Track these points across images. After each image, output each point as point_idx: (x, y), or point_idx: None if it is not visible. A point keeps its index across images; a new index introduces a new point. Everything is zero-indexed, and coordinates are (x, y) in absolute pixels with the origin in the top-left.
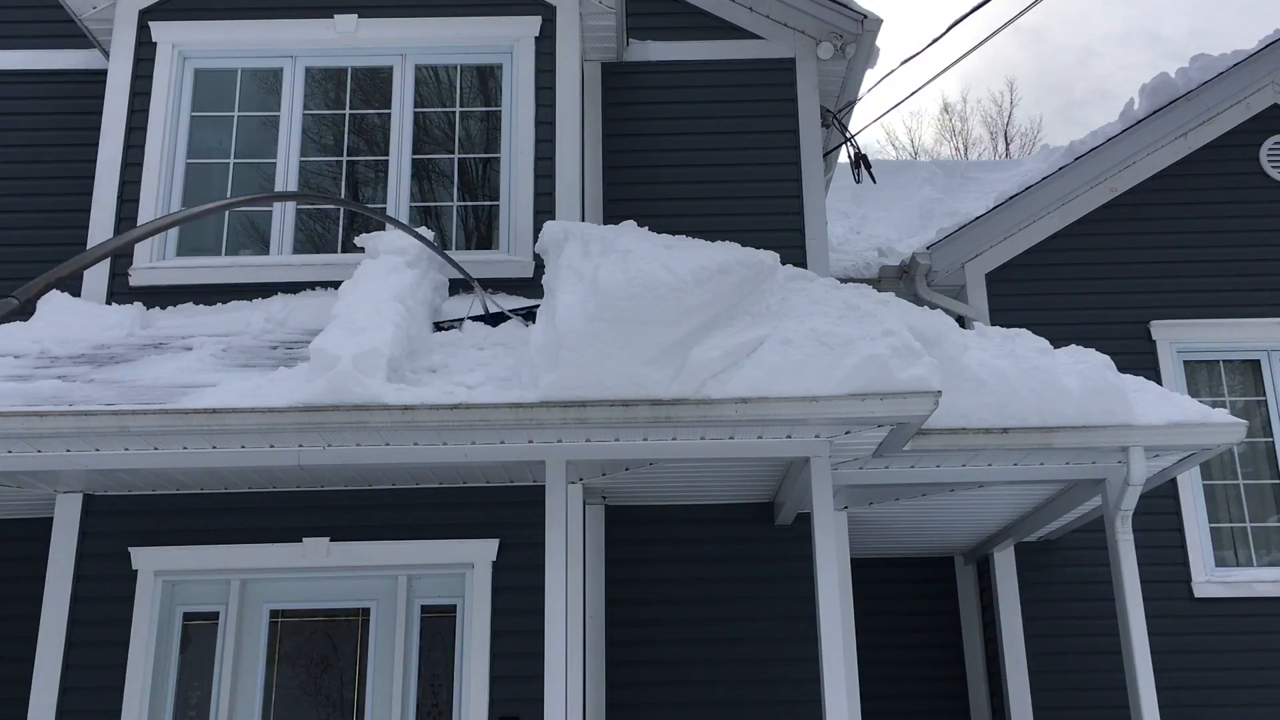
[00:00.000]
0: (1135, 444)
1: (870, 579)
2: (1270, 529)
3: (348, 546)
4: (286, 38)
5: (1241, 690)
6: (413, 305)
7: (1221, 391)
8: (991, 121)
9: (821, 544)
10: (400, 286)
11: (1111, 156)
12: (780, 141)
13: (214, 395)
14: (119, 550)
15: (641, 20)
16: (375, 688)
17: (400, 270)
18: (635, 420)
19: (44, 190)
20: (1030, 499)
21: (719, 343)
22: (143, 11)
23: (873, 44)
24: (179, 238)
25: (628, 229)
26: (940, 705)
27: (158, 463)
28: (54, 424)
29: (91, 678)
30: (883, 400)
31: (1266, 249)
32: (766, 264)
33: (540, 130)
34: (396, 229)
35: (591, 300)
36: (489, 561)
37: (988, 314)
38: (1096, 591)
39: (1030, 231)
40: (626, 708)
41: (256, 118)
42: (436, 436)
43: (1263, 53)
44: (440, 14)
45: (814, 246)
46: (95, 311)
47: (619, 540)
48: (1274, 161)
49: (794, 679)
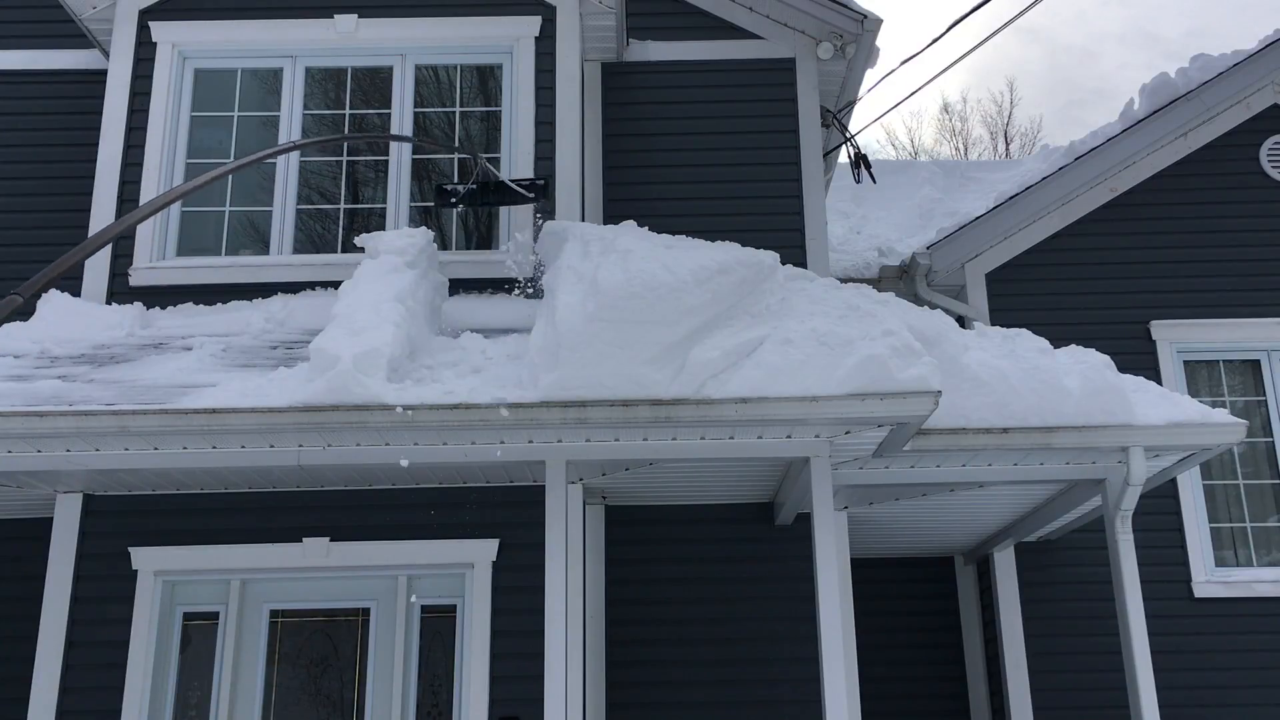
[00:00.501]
0: (1135, 444)
1: (870, 579)
2: (1270, 529)
3: (348, 546)
4: (286, 38)
5: (1241, 690)
6: (413, 305)
7: (1221, 391)
8: (991, 121)
9: (821, 544)
10: (400, 286)
11: (1111, 156)
12: (780, 141)
13: (214, 395)
14: (119, 550)
15: (641, 20)
16: (375, 688)
17: (400, 270)
18: (635, 420)
19: (44, 190)
20: (1030, 499)
21: (719, 343)
22: (143, 11)
23: (873, 44)
24: (179, 238)
25: (628, 229)
26: (940, 705)
27: (158, 463)
28: (54, 424)
29: (91, 678)
30: (883, 400)
31: (1266, 249)
32: (766, 264)
33: (540, 130)
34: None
35: (591, 300)
36: (489, 561)
37: (988, 314)
38: (1096, 591)
39: (1030, 231)
40: (626, 708)
41: (256, 118)
42: (436, 436)
43: (1263, 53)
44: (440, 14)
45: (814, 246)
46: (95, 311)
47: (619, 540)
48: (1274, 161)
49: (794, 679)
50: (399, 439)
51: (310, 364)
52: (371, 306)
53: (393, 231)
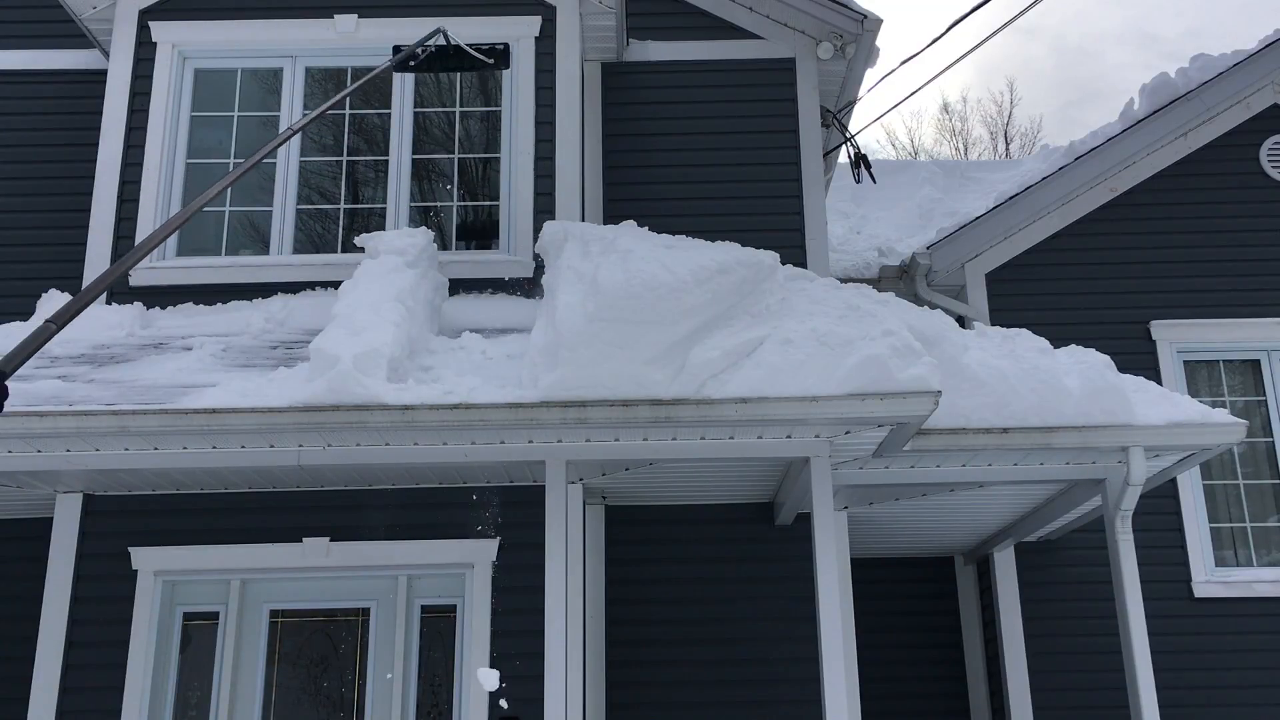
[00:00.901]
0: (1135, 444)
1: (870, 579)
2: (1270, 529)
3: (348, 546)
4: (286, 38)
5: (1241, 690)
6: (413, 305)
7: (1221, 391)
8: (991, 121)
9: (821, 544)
10: (400, 287)
11: (1111, 156)
12: (780, 141)
13: (214, 395)
14: (119, 550)
15: (641, 20)
16: (375, 688)
17: (400, 270)
18: (635, 420)
19: (44, 190)
20: (1030, 499)
21: (719, 343)
22: (143, 11)
23: (873, 44)
24: (179, 238)
25: (628, 229)
26: (940, 705)
27: (158, 463)
28: (54, 424)
29: (91, 678)
30: (883, 400)
31: (1266, 249)
32: (766, 264)
33: (540, 130)
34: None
35: (591, 300)
36: (489, 561)
37: (988, 314)
38: (1096, 591)
39: (1030, 231)
40: (626, 708)
41: (256, 118)
42: (436, 436)
43: (1263, 53)
44: (440, 14)
45: (814, 246)
46: (95, 311)
47: (619, 540)
48: (1274, 161)
49: (794, 679)
50: (399, 439)
51: (310, 364)
52: (371, 306)
53: (393, 231)
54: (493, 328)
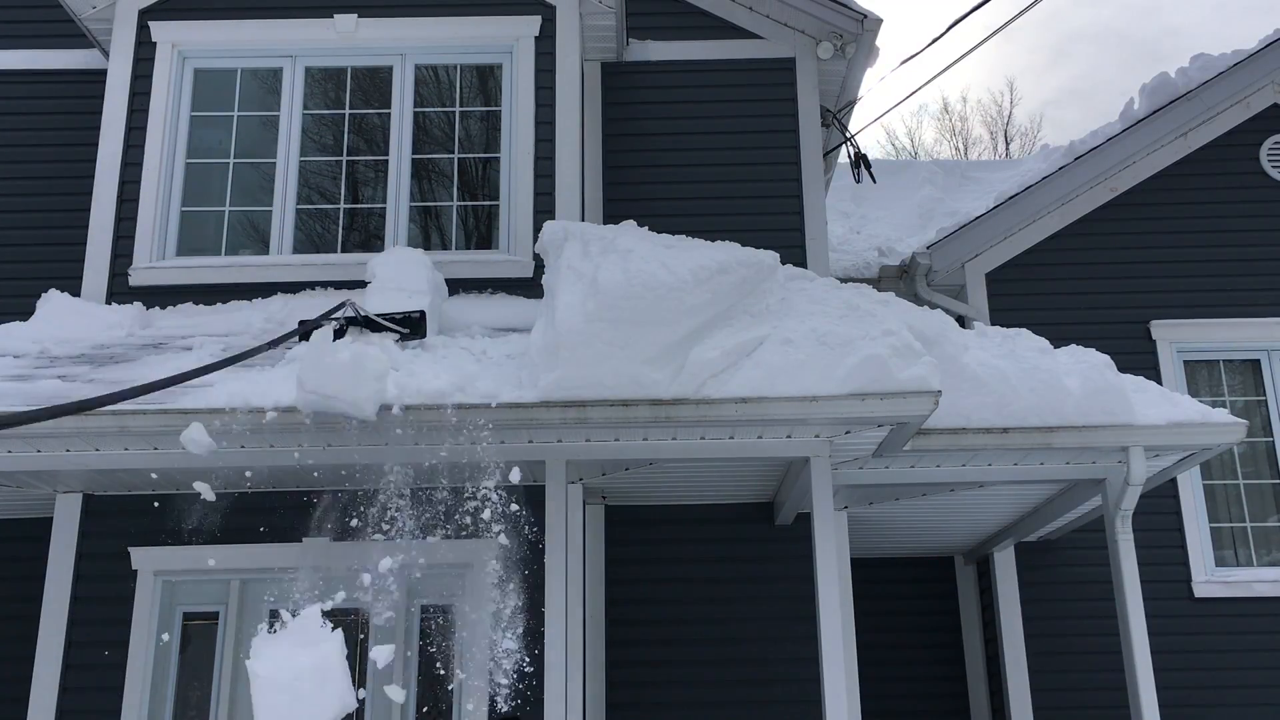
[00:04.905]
0: (1135, 444)
1: (870, 579)
2: (1270, 529)
3: (347, 546)
4: (286, 37)
5: (1241, 690)
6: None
7: (1221, 391)
8: (991, 121)
9: (821, 544)
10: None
11: (1111, 156)
12: (780, 141)
13: (214, 395)
14: (119, 550)
15: (641, 20)
16: (374, 687)
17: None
18: (635, 420)
19: (44, 190)
20: (1030, 499)
21: (719, 342)
22: (142, 11)
23: (873, 44)
24: (179, 238)
25: (628, 229)
26: (940, 705)
27: (158, 463)
28: (54, 424)
29: (91, 678)
30: (883, 400)
31: (1266, 249)
32: (766, 264)
33: (540, 130)
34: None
35: (591, 300)
36: (489, 561)
37: (988, 314)
38: (1096, 591)
39: (1030, 231)
40: (626, 708)
41: (256, 117)
42: (436, 436)
43: (1263, 52)
44: (440, 14)
45: (814, 246)
46: (95, 311)
47: (619, 540)
48: (1274, 161)
49: (794, 679)
50: (399, 439)
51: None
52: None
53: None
54: (493, 328)
